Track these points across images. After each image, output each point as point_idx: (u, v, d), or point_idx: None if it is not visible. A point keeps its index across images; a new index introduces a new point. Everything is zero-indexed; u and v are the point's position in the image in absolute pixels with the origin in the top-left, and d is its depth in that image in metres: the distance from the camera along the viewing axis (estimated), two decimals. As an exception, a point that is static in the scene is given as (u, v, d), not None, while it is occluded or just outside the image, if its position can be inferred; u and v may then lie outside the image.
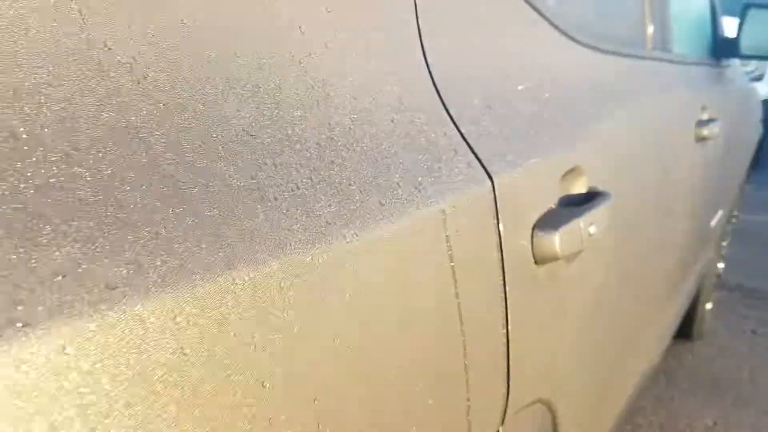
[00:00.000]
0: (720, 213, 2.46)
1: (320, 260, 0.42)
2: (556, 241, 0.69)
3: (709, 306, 3.10)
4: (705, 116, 1.78)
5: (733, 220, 3.28)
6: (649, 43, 1.51)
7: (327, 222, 0.43)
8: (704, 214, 2.04)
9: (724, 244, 3.18)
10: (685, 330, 2.93)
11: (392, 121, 0.55)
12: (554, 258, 0.70)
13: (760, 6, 2.25)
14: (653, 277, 1.37)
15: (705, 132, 1.69)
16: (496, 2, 0.77)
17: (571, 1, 1.07)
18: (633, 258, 1.10)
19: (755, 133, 3.01)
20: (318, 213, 0.43)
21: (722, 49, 2.38)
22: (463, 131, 0.62)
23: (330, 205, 0.44)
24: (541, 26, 0.87)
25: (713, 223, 2.35)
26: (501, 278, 0.63)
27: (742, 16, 2.28)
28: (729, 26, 2.54)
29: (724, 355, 3.05)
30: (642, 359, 1.47)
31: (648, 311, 1.39)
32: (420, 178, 0.53)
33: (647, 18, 1.51)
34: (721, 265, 3.24)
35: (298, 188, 0.43)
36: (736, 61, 2.68)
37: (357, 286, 0.45)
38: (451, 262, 0.55)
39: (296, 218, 0.42)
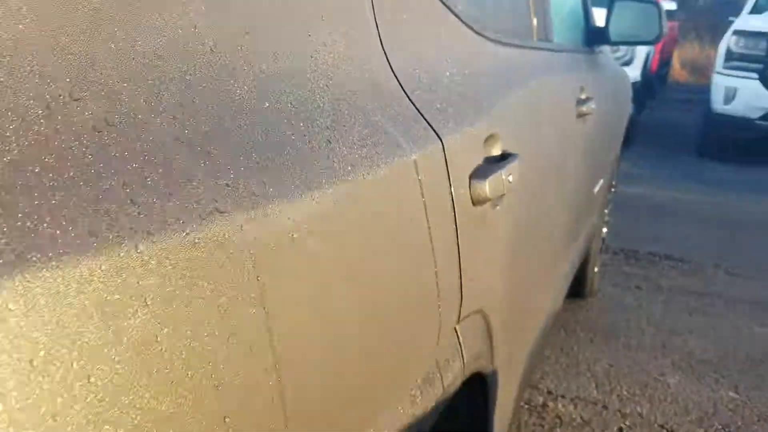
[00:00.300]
0: (601, 182, 2.80)
1: (353, 188, 0.63)
2: (487, 186, 0.92)
3: (596, 269, 3.47)
4: (583, 96, 2.08)
5: (612, 190, 3.67)
6: (534, 34, 1.78)
7: (351, 164, 0.64)
8: (588, 182, 2.36)
9: (606, 211, 3.56)
10: (578, 289, 3.28)
11: (372, 98, 0.76)
12: (486, 200, 0.93)
13: (624, 0, 2.60)
14: (554, 223, 1.64)
15: (584, 109, 1.99)
16: (428, 11, 1.00)
17: (477, 3, 1.31)
18: (538, 205, 1.36)
19: (627, 111, 3.39)
20: (344, 156, 0.64)
21: (594, 37, 2.71)
22: (417, 106, 0.84)
23: (351, 152, 0.65)
24: (459, 27, 1.10)
25: (596, 190, 2.68)
26: (453, 214, 0.85)
27: (610, 8, 2.62)
28: (598, 16, 2.89)
29: (614, 308, 3.44)
30: (549, 295, 1.75)
31: (552, 252, 1.66)
32: (398, 137, 0.75)
33: (532, 13, 1.78)
34: (605, 230, 3.62)
35: (330, 142, 0.64)
36: (607, 48, 3.04)
37: (368, 206, 0.66)
38: (423, 198, 0.77)
39: (334, 159, 0.62)
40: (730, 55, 7.08)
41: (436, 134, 0.84)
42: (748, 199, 5.80)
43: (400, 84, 0.83)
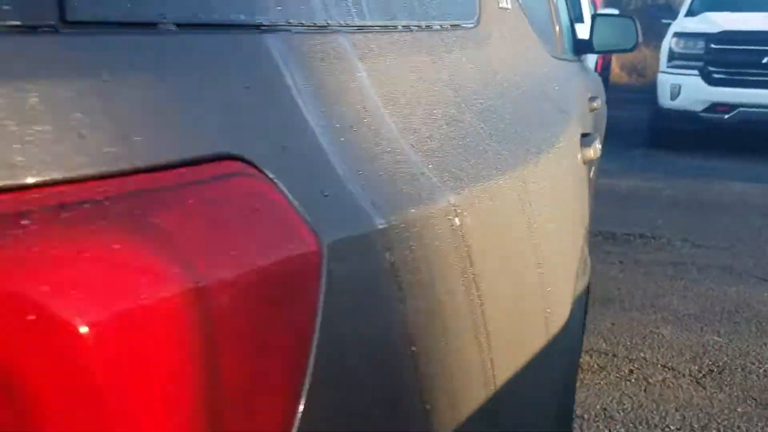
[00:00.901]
0: (594, 167, 3.32)
1: (559, 146, 1.09)
2: (591, 151, 1.40)
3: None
4: (589, 94, 2.59)
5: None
6: (558, 48, 2.28)
7: (554, 133, 1.10)
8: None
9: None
10: (576, 264, 3.80)
11: (545, 98, 1.22)
12: (590, 160, 1.41)
13: (604, 15, 3.14)
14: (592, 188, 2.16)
15: (594, 105, 2.50)
16: (534, 45, 1.47)
17: (542, 31, 1.80)
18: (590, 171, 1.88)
19: (605, 108, 3.94)
20: (549, 127, 1.09)
21: (580, 47, 3.23)
22: (554, 101, 1.31)
23: (551, 126, 1.11)
24: (543, 51, 1.58)
25: (591, 174, 3.20)
26: (580, 168, 1.32)
27: (593, 23, 3.15)
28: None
29: (604, 279, 3.95)
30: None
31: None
32: (561, 116, 1.21)
33: (555, 32, 2.28)
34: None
35: (542, 122, 1.09)
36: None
37: (563, 157, 1.12)
38: (576, 155, 1.23)
39: (543, 130, 1.08)
40: (672, 55, 7.78)
41: (569, 115, 1.31)
42: (700, 183, 6.45)
43: (543, 90, 1.30)
